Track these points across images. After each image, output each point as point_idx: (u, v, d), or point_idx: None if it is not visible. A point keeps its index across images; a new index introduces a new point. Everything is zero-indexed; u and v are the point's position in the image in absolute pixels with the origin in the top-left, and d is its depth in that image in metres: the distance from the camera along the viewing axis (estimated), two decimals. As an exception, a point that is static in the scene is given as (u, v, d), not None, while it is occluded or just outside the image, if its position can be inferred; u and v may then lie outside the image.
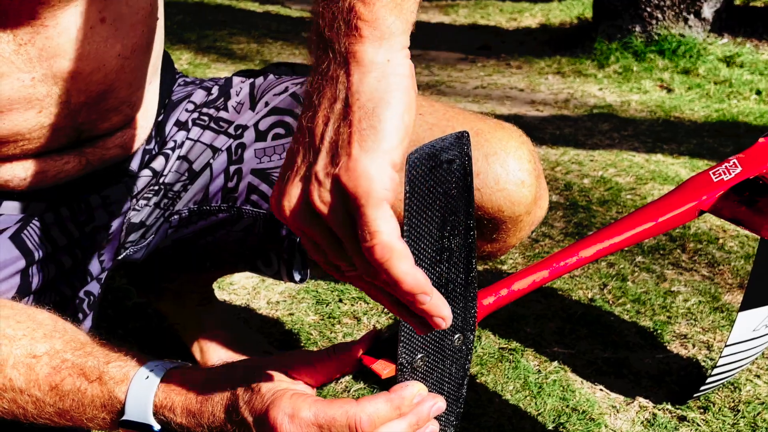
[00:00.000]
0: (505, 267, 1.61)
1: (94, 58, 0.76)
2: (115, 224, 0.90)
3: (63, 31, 0.72)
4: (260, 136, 0.93)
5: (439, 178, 0.54)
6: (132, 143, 0.88)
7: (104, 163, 0.86)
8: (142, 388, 0.64)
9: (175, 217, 0.97)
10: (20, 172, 0.79)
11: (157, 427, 0.64)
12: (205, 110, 0.96)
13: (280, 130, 0.93)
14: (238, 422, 0.61)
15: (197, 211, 0.96)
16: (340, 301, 1.45)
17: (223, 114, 0.95)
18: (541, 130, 2.53)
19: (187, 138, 0.94)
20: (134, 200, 0.91)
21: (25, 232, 0.82)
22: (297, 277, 1.02)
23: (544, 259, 0.85)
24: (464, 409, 1.06)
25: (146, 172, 0.91)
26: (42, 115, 0.75)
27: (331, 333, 1.35)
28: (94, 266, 0.90)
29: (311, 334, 1.35)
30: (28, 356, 0.66)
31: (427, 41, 4.02)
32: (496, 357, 1.28)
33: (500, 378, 1.23)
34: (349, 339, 1.33)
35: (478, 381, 1.22)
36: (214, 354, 1.23)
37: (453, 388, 0.70)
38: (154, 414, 0.64)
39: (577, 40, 3.75)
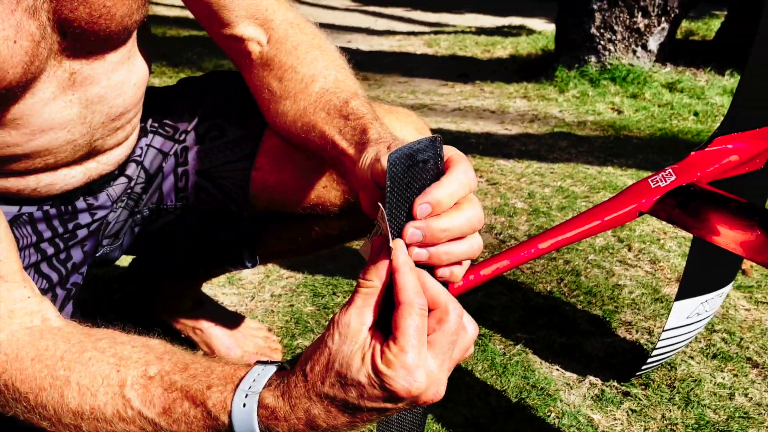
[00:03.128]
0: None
1: (118, 86, 0.78)
2: (94, 225, 0.89)
3: (105, 62, 0.74)
4: (199, 139, 0.93)
5: (415, 175, 0.55)
6: (122, 159, 0.88)
7: (101, 178, 0.86)
8: (244, 415, 0.57)
9: (138, 216, 0.95)
10: (32, 183, 0.78)
11: None
12: (155, 115, 0.95)
13: (216, 133, 0.92)
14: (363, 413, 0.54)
15: (156, 209, 0.95)
16: (334, 293, 1.47)
17: (168, 120, 0.94)
18: (509, 146, 2.56)
19: (145, 144, 0.93)
20: (114, 204, 0.91)
21: (14, 224, 0.81)
22: (248, 264, 1.03)
23: (506, 250, 0.86)
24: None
25: (122, 179, 0.90)
26: (69, 133, 0.76)
27: (326, 322, 1.36)
28: (77, 256, 0.88)
29: (308, 323, 1.37)
30: (143, 377, 0.60)
31: (412, 69, 4.04)
32: (467, 342, 1.30)
33: (470, 360, 1.25)
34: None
35: (452, 362, 1.24)
36: (217, 341, 1.24)
37: None
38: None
39: (541, 68, 3.78)
